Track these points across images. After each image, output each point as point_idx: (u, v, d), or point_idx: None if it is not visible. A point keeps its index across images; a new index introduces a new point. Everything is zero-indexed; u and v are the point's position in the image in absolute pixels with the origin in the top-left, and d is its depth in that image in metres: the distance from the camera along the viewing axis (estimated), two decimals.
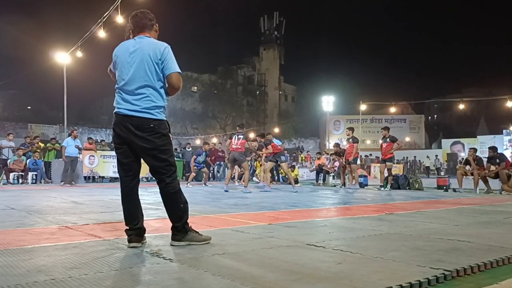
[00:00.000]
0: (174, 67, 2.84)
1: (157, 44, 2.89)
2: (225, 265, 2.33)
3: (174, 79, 2.85)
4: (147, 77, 2.81)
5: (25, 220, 4.25)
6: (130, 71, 2.82)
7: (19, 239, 3.12)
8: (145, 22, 2.98)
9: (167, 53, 2.85)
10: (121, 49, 2.94)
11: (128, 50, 2.88)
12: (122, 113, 2.82)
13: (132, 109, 2.79)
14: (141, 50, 2.84)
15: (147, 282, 1.96)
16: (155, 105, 2.82)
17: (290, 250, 2.77)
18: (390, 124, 44.73)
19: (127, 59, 2.86)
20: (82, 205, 5.98)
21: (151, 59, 2.81)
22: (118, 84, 2.90)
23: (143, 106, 2.79)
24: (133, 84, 2.81)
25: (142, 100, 2.80)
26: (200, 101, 49.53)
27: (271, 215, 4.87)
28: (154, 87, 2.83)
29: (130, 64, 2.84)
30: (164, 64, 2.83)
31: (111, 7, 12.06)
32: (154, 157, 2.85)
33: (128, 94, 2.83)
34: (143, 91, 2.81)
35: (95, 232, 3.40)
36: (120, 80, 2.87)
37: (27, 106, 43.76)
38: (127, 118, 2.80)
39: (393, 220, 4.45)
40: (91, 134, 28.89)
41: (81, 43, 14.51)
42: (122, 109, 2.82)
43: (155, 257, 2.50)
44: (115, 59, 2.95)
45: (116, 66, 2.94)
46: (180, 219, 2.89)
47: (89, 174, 14.39)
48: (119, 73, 2.90)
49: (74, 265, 2.28)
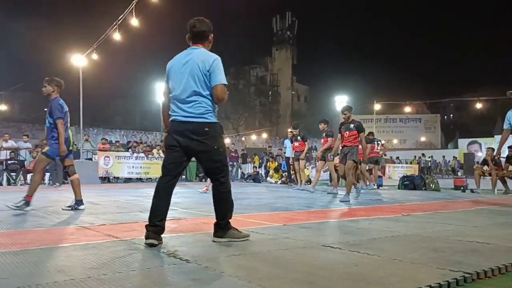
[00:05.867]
0: (219, 79, 2.99)
1: (206, 56, 3.05)
2: (241, 266, 2.33)
3: (218, 90, 3.00)
4: (196, 87, 2.99)
5: (43, 220, 4.31)
6: (183, 81, 3.02)
7: (39, 240, 3.17)
8: (200, 34, 3.14)
9: (215, 65, 3.01)
10: (174, 61, 3.14)
11: (180, 61, 3.08)
12: (178, 120, 3.03)
13: (186, 115, 3.00)
14: (192, 61, 3.03)
15: (165, 283, 1.97)
16: (207, 110, 3.01)
17: (306, 251, 2.76)
18: (405, 123, 44.41)
19: (180, 70, 3.05)
20: (98, 205, 6.05)
21: (200, 70, 2.99)
22: (172, 93, 3.09)
23: (196, 112, 2.98)
24: (185, 93, 3.01)
25: (194, 107, 2.99)
26: None
27: (285, 216, 4.86)
28: (204, 95, 3.01)
29: (182, 74, 3.03)
30: (211, 75, 2.99)
31: (125, 10, 12.18)
32: (209, 158, 3.05)
33: (181, 102, 3.02)
34: (194, 99, 3.00)
35: (112, 233, 3.43)
36: (174, 89, 3.07)
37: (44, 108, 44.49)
38: (183, 124, 3.00)
39: (410, 221, 4.40)
40: (105, 135, 29.16)
41: (96, 45, 14.69)
42: (177, 116, 3.03)
43: (172, 257, 2.51)
44: (168, 71, 3.15)
45: (169, 77, 3.13)
46: (225, 218, 3.08)
47: (104, 175, 14.54)
48: (172, 83, 3.10)
49: (93, 265, 2.31)
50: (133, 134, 36.10)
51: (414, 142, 43.58)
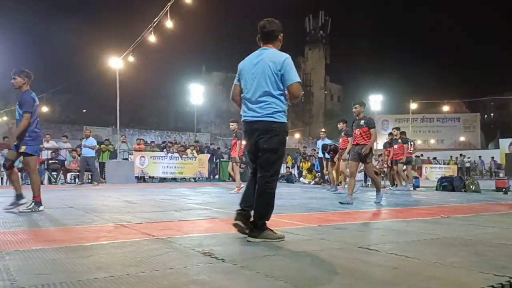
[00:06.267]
0: (293, 78, 3.07)
1: (277, 56, 3.12)
2: (277, 266, 2.31)
3: (294, 89, 3.08)
4: (267, 87, 3.08)
5: (83, 218, 4.45)
6: (254, 82, 3.12)
7: (79, 237, 3.27)
8: (270, 34, 3.22)
9: (287, 64, 3.08)
10: (245, 63, 3.25)
11: (252, 62, 3.19)
12: (247, 120, 3.17)
13: (255, 115, 3.11)
14: (263, 62, 3.12)
15: (201, 282, 1.98)
16: (276, 110, 3.09)
17: (342, 253, 2.71)
18: (442, 123, 43.06)
19: (251, 71, 3.16)
20: (135, 204, 6.18)
21: (271, 70, 3.07)
22: (243, 94, 3.22)
23: (265, 113, 3.08)
24: (256, 94, 3.11)
25: (264, 107, 3.09)
26: None
27: (319, 217, 4.81)
28: (274, 95, 3.09)
29: (254, 75, 3.14)
30: (285, 75, 3.07)
31: (160, 13, 12.42)
32: (266, 156, 3.12)
33: (252, 103, 3.14)
34: (264, 99, 3.09)
35: (148, 231, 3.50)
36: (245, 90, 3.20)
37: (82, 109, 46.02)
38: (253, 124, 3.13)
39: (450, 223, 4.26)
40: (141, 136, 29.83)
41: (133, 48, 15.06)
42: (248, 117, 3.17)
43: (208, 256, 2.53)
44: (240, 72, 3.27)
45: (241, 78, 3.25)
46: (263, 218, 3.12)
47: (140, 175, 14.87)
48: (244, 83, 3.22)
49: (131, 262, 2.35)
50: (167, 135, 36.81)
51: (452, 142, 42.19)
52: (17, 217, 4.49)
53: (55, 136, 17.72)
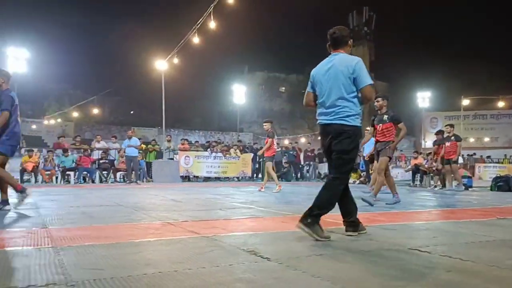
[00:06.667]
0: (366, 80, 3.13)
1: (348, 60, 3.20)
2: (323, 266, 2.27)
3: (366, 91, 3.15)
4: (340, 91, 3.15)
5: (131, 216, 4.58)
6: (327, 87, 3.22)
7: (128, 234, 3.37)
8: (340, 39, 3.33)
9: (358, 67, 3.14)
10: (317, 70, 3.35)
11: (323, 69, 3.29)
12: (322, 123, 3.27)
13: (329, 119, 3.20)
14: (334, 67, 3.21)
15: (247, 280, 1.97)
16: (349, 114, 3.14)
17: (392, 254, 2.62)
18: (497, 120, 40.86)
19: (324, 77, 3.25)
20: (180, 203, 6.31)
21: (343, 74, 3.15)
22: (318, 99, 3.33)
23: (338, 116, 3.16)
24: (330, 99, 3.20)
25: (337, 111, 3.16)
26: (288, 101, 49.77)
27: (365, 217, 4.67)
28: (347, 99, 3.15)
29: (326, 81, 3.23)
30: (357, 78, 3.13)
31: (204, 14, 12.62)
32: (339, 157, 3.19)
33: (326, 107, 3.23)
34: (338, 103, 3.16)
35: (194, 229, 3.54)
36: (319, 96, 3.30)
37: (130, 111, 47.63)
38: (327, 127, 3.22)
39: (507, 225, 4.02)
40: (185, 136, 30.48)
41: (177, 50, 15.40)
42: (322, 120, 3.27)
43: (253, 255, 2.52)
44: (312, 79, 3.38)
45: (314, 85, 3.36)
46: (321, 209, 3.14)
47: (184, 174, 15.19)
48: (318, 90, 3.32)
49: (178, 259, 2.39)
50: (211, 135, 37.40)
51: (507, 140, 39.93)
52: (70, 214, 4.70)
53: (105, 137, 18.47)
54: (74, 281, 1.92)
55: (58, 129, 31.71)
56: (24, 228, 3.58)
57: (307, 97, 3.44)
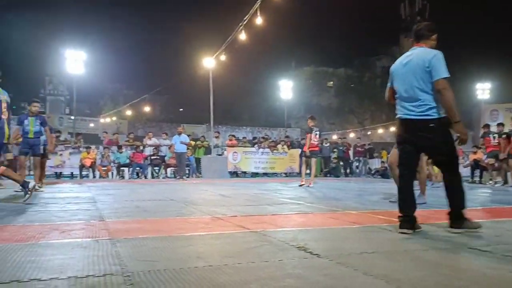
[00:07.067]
0: (439, 73, 3.07)
1: (425, 53, 3.18)
2: (376, 264, 2.20)
3: (438, 85, 3.08)
4: (419, 84, 3.14)
5: (182, 210, 4.69)
6: (405, 82, 3.22)
7: (179, 227, 3.44)
8: (421, 33, 3.34)
9: (435, 60, 3.10)
10: (396, 64, 3.38)
11: (401, 63, 3.31)
12: (403, 118, 3.26)
13: (410, 114, 3.18)
14: (412, 62, 3.21)
15: (297, 276, 1.95)
16: (430, 107, 3.11)
17: (450, 253, 2.50)
18: None
19: (402, 71, 3.27)
20: (229, 198, 6.38)
21: (420, 68, 3.14)
22: (397, 94, 3.32)
23: (419, 111, 3.14)
24: (408, 93, 3.20)
25: (417, 105, 3.14)
26: (336, 96, 48.94)
27: (421, 214, 4.45)
28: (427, 92, 3.13)
29: (404, 75, 3.24)
30: (432, 71, 3.10)
31: (250, 10, 12.65)
32: (437, 152, 3.23)
33: (405, 101, 3.23)
34: (418, 97, 3.14)
35: (243, 224, 3.56)
36: (398, 90, 3.30)
37: (179, 108, 48.85)
38: (408, 122, 3.21)
39: None
40: (233, 132, 30.81)
41: (225, 47, 15.55)
42: (402, 115, 3.26)
43: (302, 251, 2.49)
44: (392, 74, 3.40)
45: (393, 80, 3.37)
46: (464, 207, 3.17)
47: (233, 170, 15.36)
48: (396, 84, 3.33)
49: (228, 254, 2.41)
50: (258, 131, 37.53)
51: None
52: (125, 208, 4.88)
53: (156, 134, 19.04)
54: (130, 272, 1.98)
55: (113, 127, 33.08)
56: (83, 220, 3.76)
57: (388, 93, 3.45)
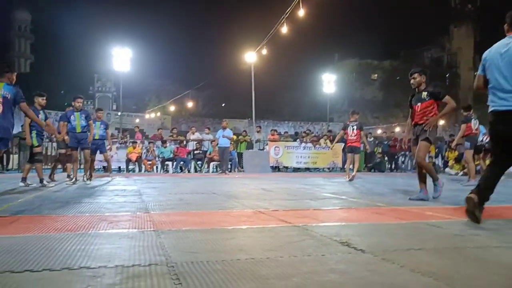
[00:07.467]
0: None
1: None
2: (423, 261, 2.11)
3: None
4: None
5: (224, 204, 4.74)
6: (502, 72, 3.05)
7: (222, 220, 3.48)
8: None
9: None
10: (491, 52, 3.20)
11: (498, 51, 3.13)
12: (498, 110, 3.09)
13: (507, 105, 3.01)
14: (510, 51, 3.04)
15: (341, 271, 1.91)
16: None
17: (502, 251, 2.37)
18: None
19: (498, 60, 3.09)
20: (271, 192, 6.37)
21: None
22: (490, 84, 3.16)
23: None
24: (506, 83, 3.03)
25: None
26: (380, 89, 47.74)
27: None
28: None
29: (504, 65, 3.06)
30: None
31: (292, 3, 12.54)
32: None
33: (502, 92, 3.05)
34: None
35: (285, 218, 3.54)
36: (492, 80, 3.13)
37: (222, 103, 49.46)
38: (505, 114, 3.04)
39: None
40: (275, 127, 30.81)
41: (266, 41, 15.53)
42: (497, 107, 3.10)
43: (346, 246, 2.44)
44: (485, 62, 3.22)
45: (486, 68, 3.20)
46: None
47: (274, 164, 15.35)
48: (490, 74, 3.16)
49: (270, 247, 2.40)
50: (300, 125, 37.33)
51: None
52: (169, 200, 5.00)
53: (199, 128, 19.38)
54: (174, 263, 2.02)
55: (158, 122, 34.03)
56: (130, 212, 3.88)
57: (478, 80, 3.27)
